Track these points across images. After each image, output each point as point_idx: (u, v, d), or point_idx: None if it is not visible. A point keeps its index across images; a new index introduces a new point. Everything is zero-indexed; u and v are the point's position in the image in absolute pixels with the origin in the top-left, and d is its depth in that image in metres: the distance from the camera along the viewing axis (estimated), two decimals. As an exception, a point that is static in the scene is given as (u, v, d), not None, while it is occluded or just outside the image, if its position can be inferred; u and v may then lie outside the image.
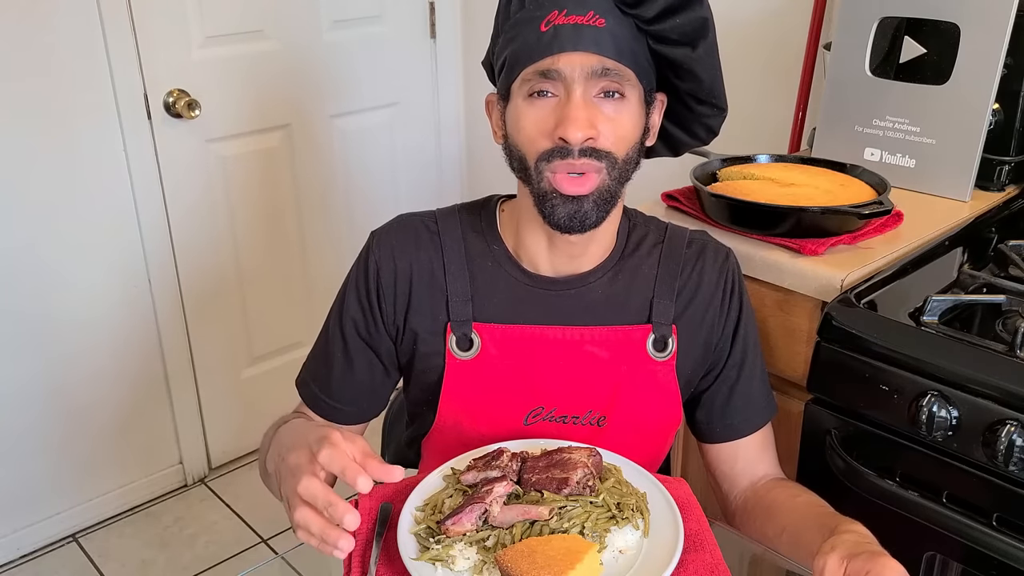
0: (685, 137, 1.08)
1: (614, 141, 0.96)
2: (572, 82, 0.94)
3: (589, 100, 0.94)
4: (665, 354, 1.06)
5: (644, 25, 0.95)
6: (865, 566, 0.79)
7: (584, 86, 0.94)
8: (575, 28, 0.93)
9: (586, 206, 0.96)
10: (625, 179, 0.99)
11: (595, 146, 0.94)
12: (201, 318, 2.31)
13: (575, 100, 0.94)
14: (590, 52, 0.93)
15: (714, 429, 1.12)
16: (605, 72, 0.94)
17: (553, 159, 0.95)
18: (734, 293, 1.10)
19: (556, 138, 0.94)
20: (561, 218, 0.96)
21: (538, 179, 0.97)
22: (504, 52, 0.99)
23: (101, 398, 2.19)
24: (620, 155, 0.97)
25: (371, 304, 1.07)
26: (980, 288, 1.19)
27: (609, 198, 0.98)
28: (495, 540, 0.84)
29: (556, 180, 0.95)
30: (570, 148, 0.94)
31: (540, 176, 0.96)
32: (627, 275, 1.07)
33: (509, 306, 1.06)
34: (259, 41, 2.22)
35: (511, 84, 0.98)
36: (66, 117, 1.96)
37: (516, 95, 0.98)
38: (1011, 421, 0.97)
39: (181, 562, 2.15)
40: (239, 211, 2.31)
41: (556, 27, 0.93)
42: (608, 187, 0.97)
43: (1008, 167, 1.49)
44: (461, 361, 1.05)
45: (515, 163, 1.00)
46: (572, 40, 0.93)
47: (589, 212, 0.97)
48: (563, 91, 0.95)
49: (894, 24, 1.48)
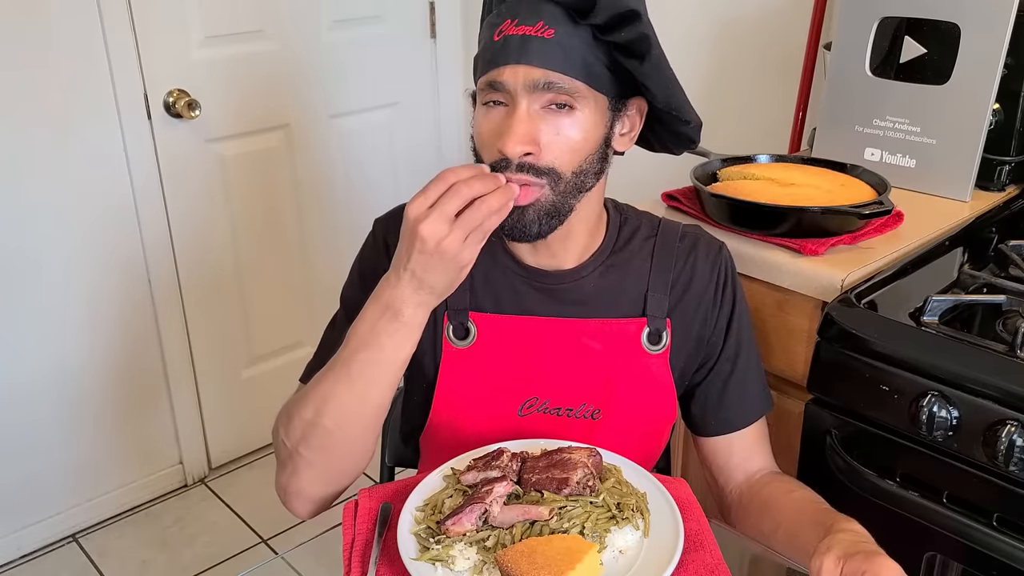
0: (672, 140, 1.08)
1: (558, 155, 0.94)
2: (516, 95, 0.93)
3: (534, 113, 0.93)
4: (659, 347, 1.06)
5: (599, 34, 0.94)
6: (862, 566, 0.79)
7: (528, 99, 0.93)
8: (522, 39, 0.92)
9: (528, 217, 0.95)
10: (579, 190, 0.98)
11: (534, 162, 0.93)
12: (201, 318, 2.31)
13: (517, 114, 0.93)
14: (532, 65, 0.92)
15: (708, 422, 1.12)
16: (548, 85, 0.92)
17: (498, 169, 0.94)
18: (727, 287, 1.10)
19: (497, 150, 0.94)
20: (506, 224, 0.95)
21: None
22: (476, 55, 1.00)
23: (101, 398, 2.19)
24: (566, 169, 0.95)
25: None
26: (980, 288, 1.19)
27: (554, 212, 0.96)
28: (495, 540, 0.84)
29: None
30: (509, 161, 0.93)
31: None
32: (619, 269, 1.08)
33: (506, 297, 1.06)
34: (259, 41, 2.22)
35: (476, 88, 0.99)
36: (66, 117, 1.96)
37: (477, 101, 0.99)
38: (1011, 421, 0.97)
39: (181, 562, 2.14)
40: (239, 211, 2.31)
41: (506, 37, 0.93)
42: (551, 202, 0.96)
43: (1008, 167, 1.49)
44: (457, 350, 1.06)
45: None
46: (517, 52, 0.92)
47: (530, 224, 0.96)
48: (510, 102, 0.94)
49: (894, 24, 1.48)
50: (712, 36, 2.02)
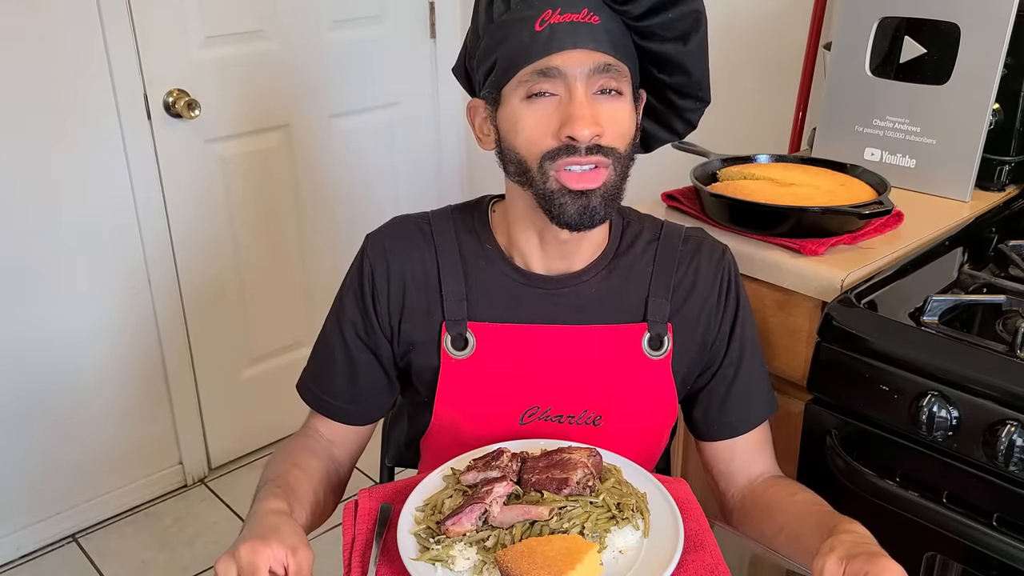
0: (661, 132, 1.08)
1: (616, 137, 0.95)
2: (574, 80, 0.93)
3: (591, 98, 0.94)
4: (661, 352, 1.06)
5: (632, 21, 0.95)
6: (864, 567, 0.79)
7: (586, 84, 0.93)
8: (572, 26, 0.92)
9: (594, 201, 0.95)
10: (626, 175, 0.99)
11: (601, 143, 0.94)
12: (201, 318, 2.31)
13: (579, 98, 0.93)
14: (589, 49, 0.93)
15: (711, 427, 1.11)
16: (606, 68, 0.93)
17: (559, 158, 0.94)
18: (730, 290, 1.09)
19: (563, 137, 0.93)
20: (571, 215, 0.96)
21: (543, 180, 0.96)
22: (491, 55, 0.97)
23: (101, 398, 2.19)
24: (623, 151, 0.97)
25: (367, 306, 1.07)
26: (980, 288, 1.19)
27: (616, 193, 0.98)
28: (495, 540, 0.84)
29: (564, 177, 0.95)
30: (578, 146, 0.93)
31: (545, 176, 0.95)
32: (621, 273, 1.07)
33: (504, 305, 1.06)
34: (259, 41, 2.22)
35: (503, 87, 0.97)
36: (66, 117, 1.96)
37: (511, 97, 0.96)
38: (1011, 421, 0.97)
39: (181, 562, 2.15)
40: (239, 211, 2.31)
41: (552, 26, 0.93)
42: (615, 182, 0.97)
43: (1008, 167, 1.48)
44: (456, 360, 1.05)
45: (512, 167, 0.99)
46: (571, 38, 0.92)
47: (597, 207, 0.96)
48: (564, 90, 0.94)
49: (894, 24, 1.48)
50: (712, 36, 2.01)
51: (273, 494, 0.94)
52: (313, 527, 1.01)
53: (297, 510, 0.95)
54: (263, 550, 0.82)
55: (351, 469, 1.16)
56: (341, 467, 1.13)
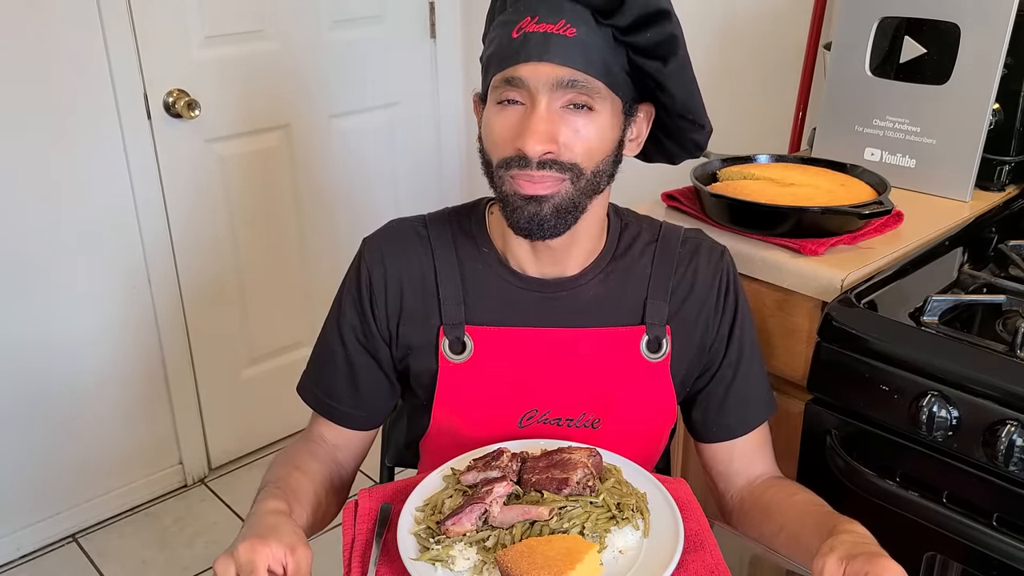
0: (676, 148, 1.07)
1: (580, 153, 0.94)
2: (536, 92, 0.92)
3: (554, 112, 0.93)
4: (659, 355, 1.05)
5: (621, 36, 0.94)
6: (864, 567, 0.79)
7: (549, 97, 0.92)
8: (543, 37, 0.91)
9: (545, 210, 0.95)
10: (593, 191, 0.98)
11: (556, 159, 0.93)
12: (201, 318, 2.31)
13: (537, 112, 0.92)
14: (555, 63, 0.91)
15: (710, 429, 1.11)
16: (572, 84, 0.92)
17: (512, 168, 0.94)
18: (729, 292, 1.09)
19: (515, 148, 0.93)
20: (522, 222, 0.95)
21: (499, 183, 0.96)
22: (486, 53, 0.98)
23: (101, 398, 2.19)
24: (587, 167, 0.95)
25: (364, 310, 1.07)
26: (980, 288, 1.19)
27: (571, 208, 0.96)
28: (495, 540, 0.84)
29: (517, 182, 0.95)
30: (528, 160, 0.93)
31: (502, 180, 0.96)
32: (619, 276, 1.07)
33: (501, 308, 1.05)
34: (259, 41, 2.22)
35: (487, 87, 0.98)
36: (66, 117, 1.96)
37: (490, 99, 0.97)
38: (1011, 421, 0.97)
39: (181, 562, 2.15)
40: (239, 211, 2.30)
41: (526, 34, 0.92)
42: (571, 197, 0.95)
43: (1008, 167, 1.49)
44: (454, 364, 1.05)
45: (483, 166, 1.00)
46: (538, 49, 0.91)
47: (548, 217, 0.95)
48: (529, 101, 0.93)
49: (894, 24, 1.48)
50: (712, 36, 2.02)
51: (272, 495, 0.95)
52: (315, 529, 1.01)
53: (297, 511, 0.95)
54: (262, 549, 0.82)
55: (355, 472, 1.16)
56: (344, 470, 1.13)
